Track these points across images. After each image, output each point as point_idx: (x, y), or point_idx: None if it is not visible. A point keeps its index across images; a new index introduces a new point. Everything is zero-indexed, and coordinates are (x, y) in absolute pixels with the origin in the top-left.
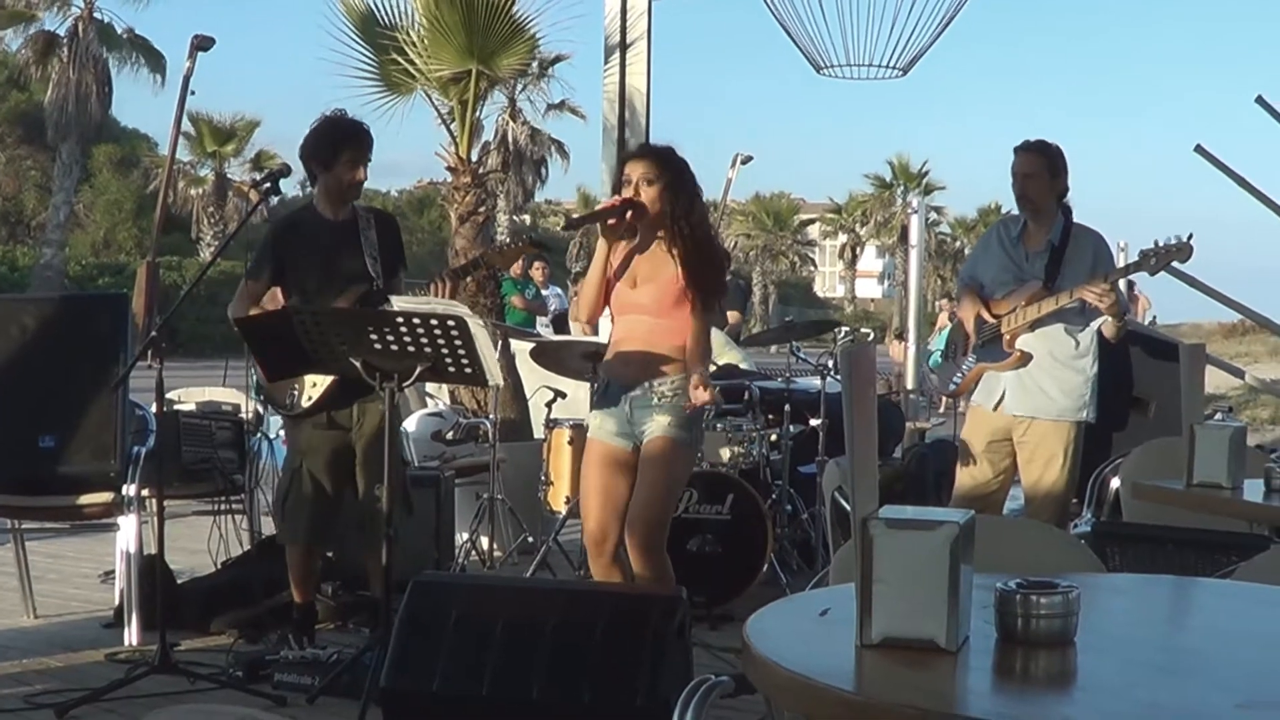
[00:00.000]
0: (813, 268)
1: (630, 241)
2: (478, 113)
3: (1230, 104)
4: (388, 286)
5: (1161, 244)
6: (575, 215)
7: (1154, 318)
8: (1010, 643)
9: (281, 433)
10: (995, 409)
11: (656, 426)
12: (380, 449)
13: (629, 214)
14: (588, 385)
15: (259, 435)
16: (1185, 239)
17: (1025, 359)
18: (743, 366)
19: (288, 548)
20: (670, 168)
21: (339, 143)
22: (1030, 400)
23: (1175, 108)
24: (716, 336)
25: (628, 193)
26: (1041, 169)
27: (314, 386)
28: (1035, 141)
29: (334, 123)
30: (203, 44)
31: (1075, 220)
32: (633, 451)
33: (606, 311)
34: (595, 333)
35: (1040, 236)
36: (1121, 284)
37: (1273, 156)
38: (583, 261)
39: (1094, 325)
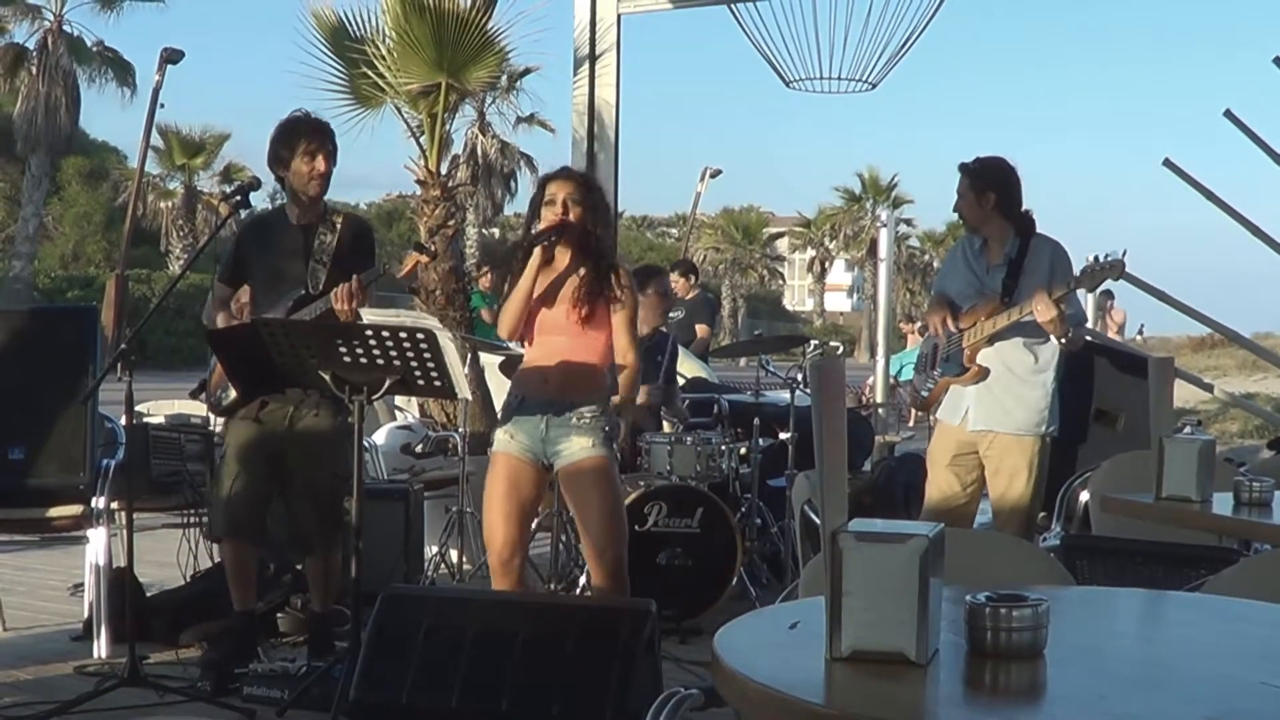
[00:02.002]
0: (782, 281)
1: (553, 264)
2: (447, 126)
3: (1199, 118)
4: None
5: (1098, 261)
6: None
7: (1141, 326)
8: (980, 655)
9: None
10: (960, 424)
11: (578, 448)
12: (316, 461)
13: (562, 234)
14: None
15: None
16: (1120, 255)
17: (983, 374)
18: (705, 378)
19: (221, 545)
20: (592, 190)
21: (293, 135)
22: (991, 415)
23: (1144, 122)
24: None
25: (555, 211)
26: (966, 188)
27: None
28: (969, 161)
29: (288, 119)
30: (172, 57)
31: (1039, 232)
32: (540, 469)
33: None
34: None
35: (999, 250)
36: (1089, 298)
37: (1242, 169)
38: None
39: (1054, 339)
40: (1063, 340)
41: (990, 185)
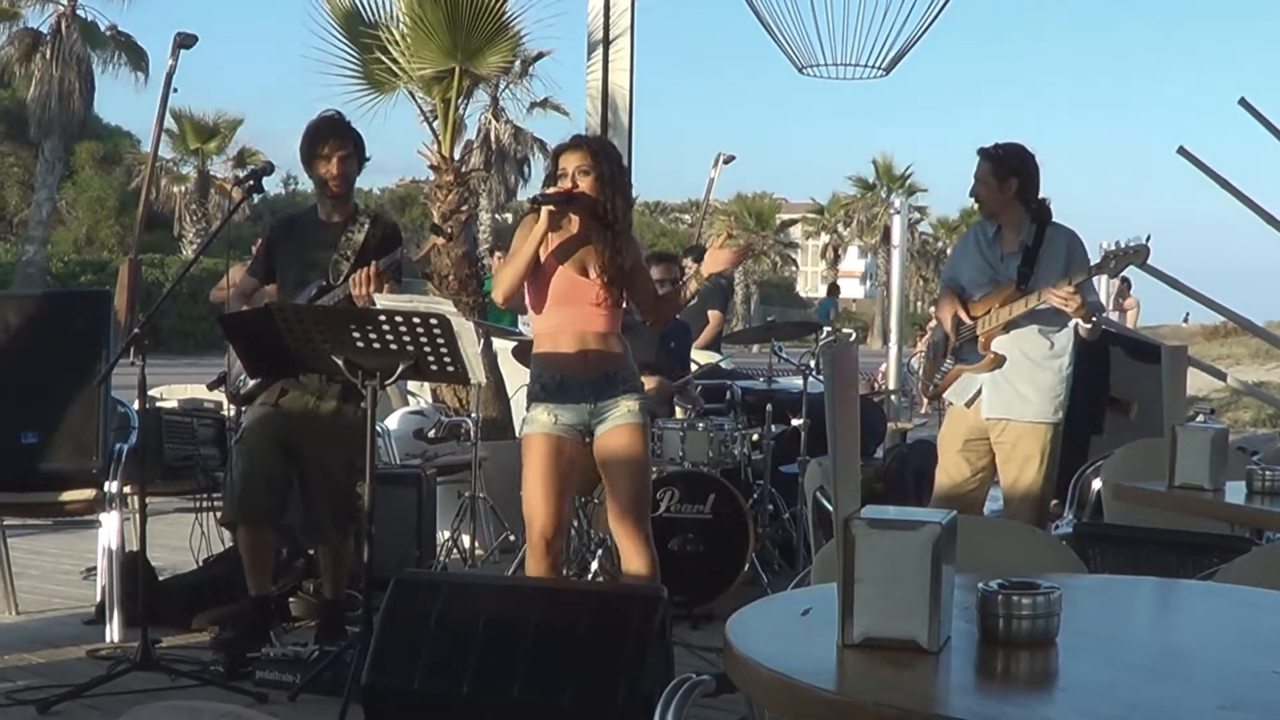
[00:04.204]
0: (795, 268)
1: (567, 231)
2: (460, 111)
3: (1214, 106)
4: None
5: (1121, 245)
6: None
7: (1187, 315)
8: (992, 643)
9: None
10: (969, 405)
11: (625, 412)
12: (332, 448)
13: (570, 204)
14: None
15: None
16: (1144, 240)
17: (999, 361)
18: (718, 364)
19: (237, 531)
20: (599, 157)
21: (313, 137)
22: (1005, 402)
23: (1159, 110)
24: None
25: (564, 184)
26: (987, 174)
27: None
28: (987, 147)
29: (313, 121)
30: (185, 41)
31: (1054, 220)
32: (582, 442)
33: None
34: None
35: (1014, 238)
36: (1105, 286)
37: (1256, 158)
38: None
39: (1069, 326)
40: (1090, 323)
41: (1013, 171)
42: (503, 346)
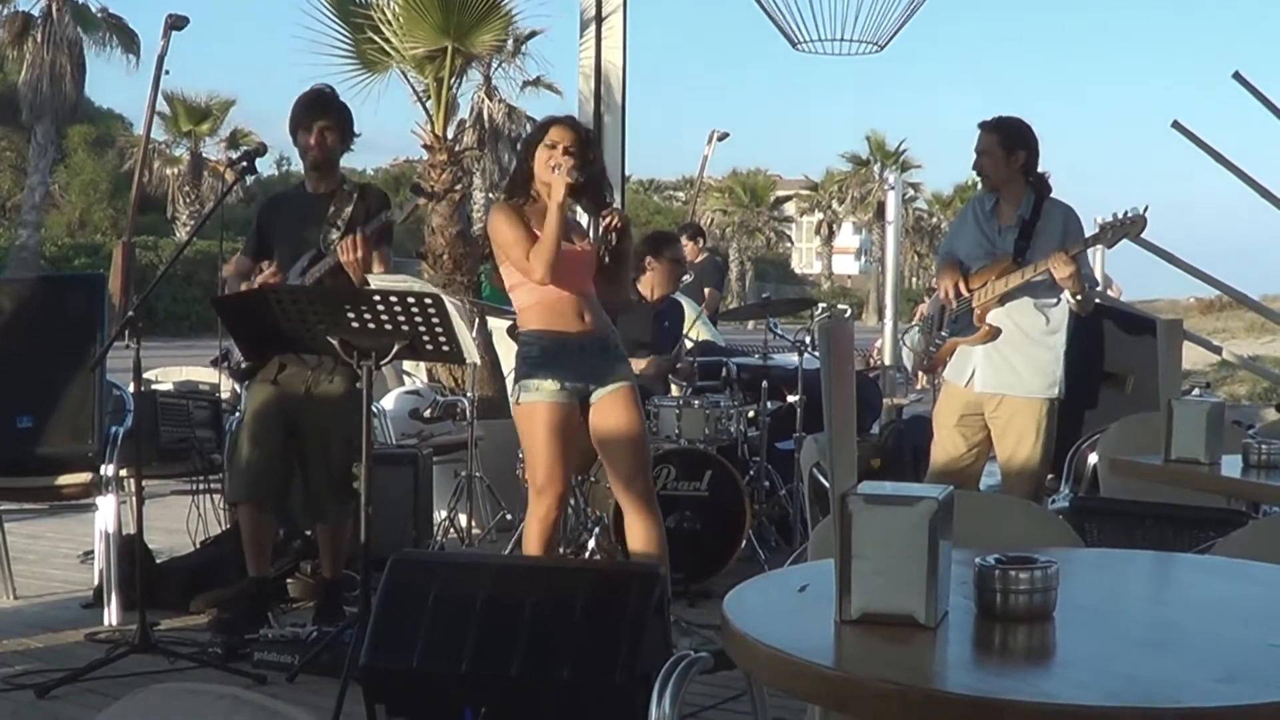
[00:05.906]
0: (789, 244)
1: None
2: (453, 90)
3: (1208, 80)
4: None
5: (1119, 216)
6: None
7: (1193, 301)
8: (989, 618)
9: None
10: (966, 385)
11: (618, 376)
12: (331, 426)
13: (582, 196)
14: None
15: (236, 414)
16: (1141, 211)
17: (994, 333)
18: (713, 341)
19: (239, 510)
20: (591, 145)
21: (298, 111)
22: (999, 377)
23: (1153, 84)
24: (690, 312)
25: (559, 156)
26: (994, 145)
27: None
28: (992, 119)
29: (300, 96)
30: (177, 23)
31: (1052, 195)
32: (580, 406)
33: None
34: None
35: (1011, 211)
36: (1098, 260)
37: (1250, 132)
38: None
39: (1065, 301)
40: (1078, 296)
41: (1020, 144)
42: (497, 325)
